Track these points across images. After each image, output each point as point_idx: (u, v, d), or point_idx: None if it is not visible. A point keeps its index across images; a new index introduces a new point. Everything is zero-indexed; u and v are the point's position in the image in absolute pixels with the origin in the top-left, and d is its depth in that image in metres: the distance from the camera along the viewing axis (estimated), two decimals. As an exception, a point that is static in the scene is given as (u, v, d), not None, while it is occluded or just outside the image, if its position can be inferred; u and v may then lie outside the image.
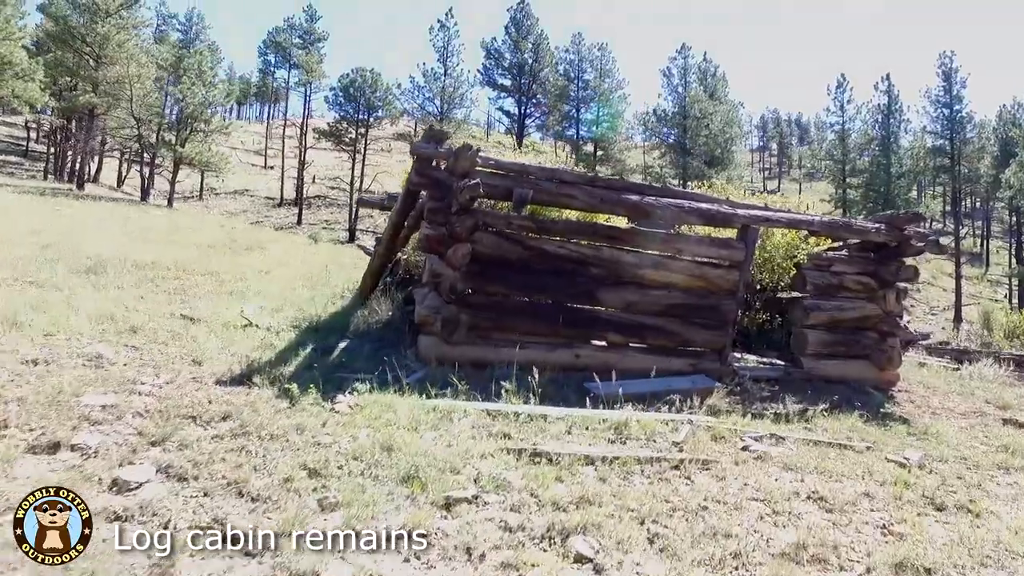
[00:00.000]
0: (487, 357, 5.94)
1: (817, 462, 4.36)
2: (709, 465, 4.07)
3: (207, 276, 9.89)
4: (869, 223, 7.41)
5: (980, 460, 4.91)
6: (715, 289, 6.65)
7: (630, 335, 6.46)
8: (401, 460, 3.40)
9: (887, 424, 5.81)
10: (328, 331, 6.60)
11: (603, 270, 6.29)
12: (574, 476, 3.66)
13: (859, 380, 7.37)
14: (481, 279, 6.10)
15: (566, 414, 4.74)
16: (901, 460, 4.64)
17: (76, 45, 26.94)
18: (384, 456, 3.46)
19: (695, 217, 6.37)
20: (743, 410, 5.90)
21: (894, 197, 32.85)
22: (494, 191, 5.90)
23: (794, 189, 79.78)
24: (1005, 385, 8.65)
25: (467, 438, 4.04)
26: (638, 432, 4.59)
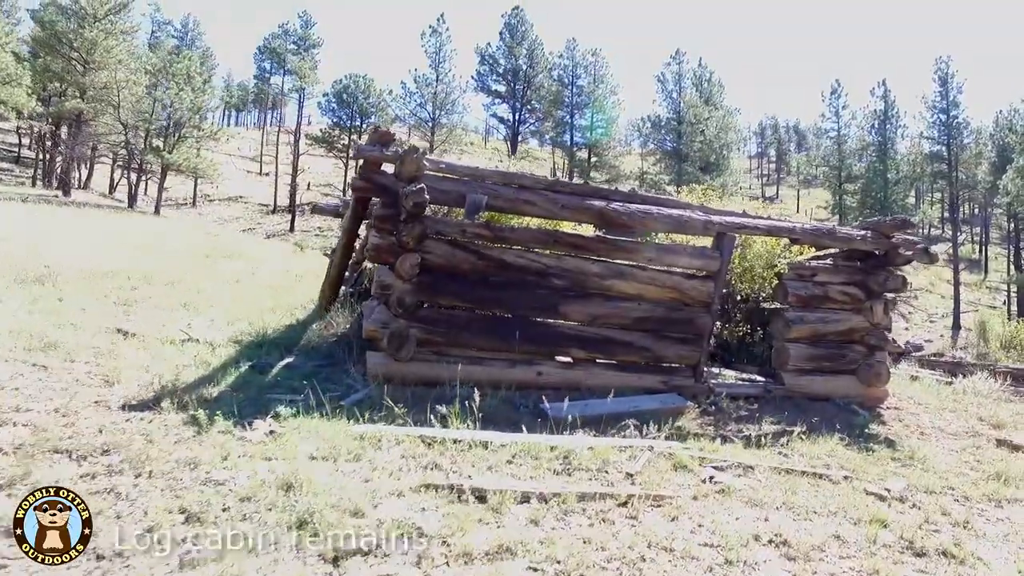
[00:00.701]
0: (440, 375, 5.51)
1: (786, 496, 3.93)
2: (662, 501, 3.64)
3: (168, 286, 9.49)
4: (854, 230, 7.00)
5: (969, 491, 4.48)
6: (688, 301, 6.23)
7: (596, 351, 6.04)
8: (300, 501, 2.97)
9: (870, 447, 5.37)
10: (275, 346, 6.18)
11: (566, 281, 5.87)
12: (502, 517, 3.23)
13: (845, 397, 6.94)
14: (433, 291, 5.69)
15: (512, 440, 4.31)
16: (881, 492, 4.21)
17: (63, 50, 26.65)
18: (281, 496, 3.03)
19: (665, 224, 5.96)
20: (715, 432, 5.48)
21: (891, 203, 32.46)
22: (445, 197, 5.50)
23: (792, 196, 79.58)
24: (1000, 401, 8.21)
25: (390, 471, 3.61)
26: (589, 461, 4.15)
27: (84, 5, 26.55)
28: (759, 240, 7.33)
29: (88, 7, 26.53)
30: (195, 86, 27.85)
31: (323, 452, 3.74)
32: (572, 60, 40.43)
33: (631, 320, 6.04)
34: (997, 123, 42.45)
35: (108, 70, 26.60)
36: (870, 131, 34.61)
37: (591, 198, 5.78)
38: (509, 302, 5.82)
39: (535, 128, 42.98)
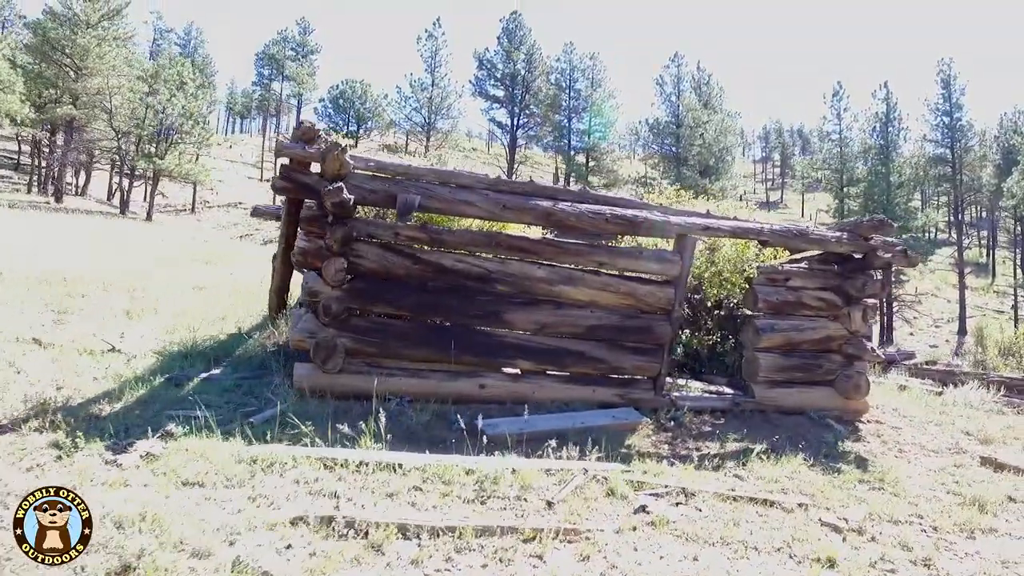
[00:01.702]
0: (372, 388, 5.10)
1: (726, 529, 3.48)
2: (577, 536, 3.21)
3: (124, 292, 9.14)
4: (828, 231, 6.55)
5: (940, 519, 4.01)
6: (646, 308, 5.79)
7: (546, 362, 5.61)
8: (133, 541, 2.57)
9: (839, 468, 4.91)
10: (203, 358, 5.79)
11: (511, 287, 5.46)
12: (380, 557, 2.82)
13: (821, 410, 6.47)
14: (366, 298, 5.29)
15: (427, 463, 3.90)
16: (837, 522, 3.75)
17: (56, 57, 26.58)
18: (116, 534, 2.63)
19: (618, 225, 5.54)
20: (669, 451, 5.04)
21: (894, 207, 31.81)
22: (374, 197, 5.10)
23: (797, 200, 78.87)
24: (992, 413, 7.72)
25: (272, 500, 3.21)
26: (508, 488, 3.74)
27: (77, 12, 26.50)
28: (728, 243, 6.89)
29: (81, 14, 26.47)
30: (187, 92, 27.71)
31: (201, 478, 3.34)
32: (570, 64, 40.12)
33: (583, 329, 5.61)
34: (1002, 125, 41.78)
35: (100, 76, 26.50)
36: (872, 134, 34.01)
37: (536, 198, 5.37)
38: (449, 309, 5.41)
39: (533, 133, 42.58)
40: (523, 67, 42.82)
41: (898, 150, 33.53)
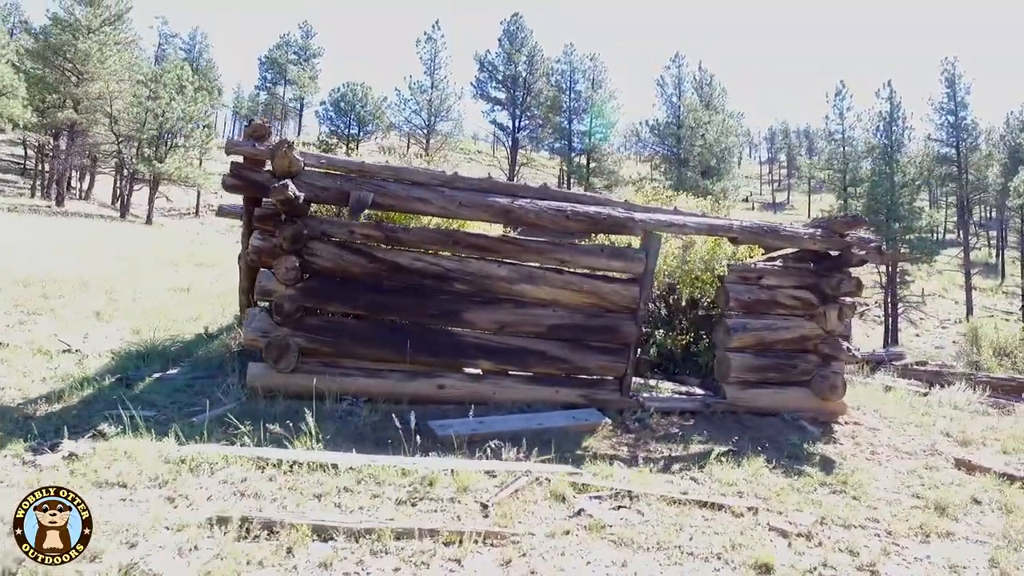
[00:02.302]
0: (327, 388, 5.03)
1: (666, 534, 3.36)
2: (503, 540, 3.10)
3: (103, 293, 9.12)
4: (801, 228, 6.41)
5: (895, 524, 3.87)
6: (610, 307, 5.68)
7: (507, 362, 5.51)
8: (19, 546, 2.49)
9: (802, 470, 4.76)
10: (163, 358, 5.75)
11: (470, 286, 5.36)
12: (289, 560, 2.72)
13: (796, 411, 6.33)
14: (321, 297, 5.21)
15: (364, 464, 3.80)
16: (785, 527, 3.63)
17: (57, 62, 26.82)
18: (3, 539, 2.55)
19: (580, 222, 5.43)
20: (628, 453, 4.92)
21: (898, 207, 31.46)
22: (327, 194, 5.03)
23: (804, 202, 78.25)
24: (976, 414, 7.52)
25: (192, 501, 3.13)
26: (446, 489, 3.64)
27: (79, 17, 26.73)
28: (699, 240, 6.76)
29: (83, 19, 26.70)
30: (187, 96, 27.87)
31: (122, 478, 3.27)
32: (570, 65, 40.00)
33: (545, 328, 5.50)
34: (1008, 124, 41.26)
35: (101, 81, 26.71)
36: (876, 133, 33.64)
37: (495, 195, 5.27)
38: (406, 309, 5.32)
39: (535, 135, 42.46)
40: (524, 69, 42.73)
41: (902, 150, 33.13)
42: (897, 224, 31.67)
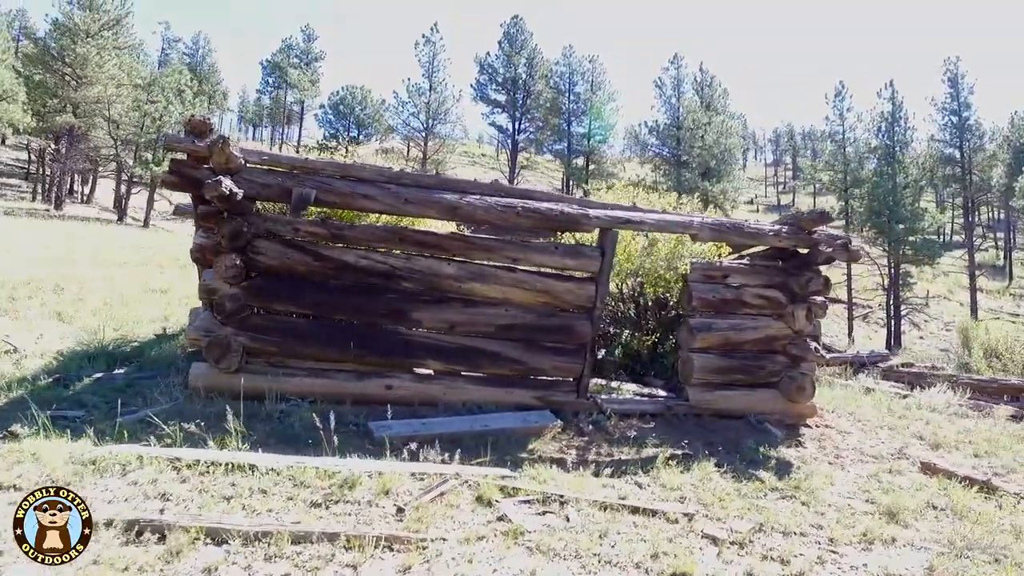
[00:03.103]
0: (271, 387, 4.93)
1: (587, 541, 3.22)
2: (408, 545, 2.97)
3: (73, 295, 9.07)
4: (766, 225, 6.25)
5: (840, 530, 3.71)
6: (564, 306, 5.55)
7: (458, 362, 5.38)
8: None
9: (755, 475, 4.60)
10: (111, 358, 5.67)
11: (418, 284, 5.25)
12: (170, 566, 2.61)
13: (763, 413, 6.17)
14: (267, 296, 5.11)
15: (286, 465, 3.69)
16: (719, 534, 3.48)
17: (56, 66, 27.01)
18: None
19: (531, 219, 5.30)
20: (576, 457, 4.77)
21: (900, 208, 31.06)
22: (268, 191, 4.93)
23: (809, 203, 77.71)
24: (955, 416, 7.32)
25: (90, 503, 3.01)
26: (366, 492, 3.52)
27: (78, 22, 26.93)
28: (662, 238, 6.61)
29: (81, 24, 26.90)
30: (184, 99, 27.98)
31: (20, 481, 3.16)
32: (569, 67, 39.88)
33: (496, 328, 5.38)
34: (1013, 124, 40.73)
35: (100, 85, 26.87)
36: (877, 134, 33.24)
37: (442, 191, 5.16)
38: (353, 307, 5.21)
39: (534, 137, 42.35)
40: (524, 71, 42.70)
41: (904, 150, 32.73)
42: (900, 225, 31.28)
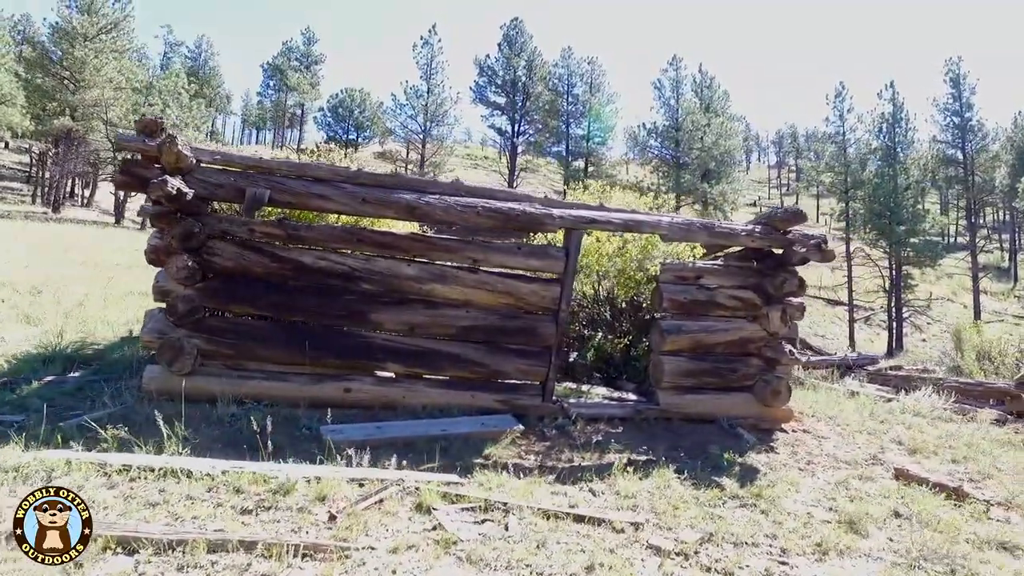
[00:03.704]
0: (225, 391, 4.83)
1: (522, 551, 3.11)
2: (331, 555, 2.86)
3: (50, 297, 9.03)
4: (738, 224, 6.12)
5: (793, 540, 3.57)
6: (528, 307, 5.44)
7: (418, 365, 5.28)
8: None
9: (716, 482, 4.47)
10: (69, 361, 5.59)
11: (377, 286, 5.15)
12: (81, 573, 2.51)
13: (737, 418, 6.05)
14: (223, 297, 5.03)
15: (224, 470, 3.59)
16: (665, 544, 3.35)
17: (54, 70, 27.15)
18: None
19: (492, 219, 5.19)
20: (535, 462, 4.67)
21: (901, 209, 30.82)
22: (222, 191, 4.84)
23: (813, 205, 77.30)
24: (938, 420, 7.16)
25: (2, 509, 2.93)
26: (301, 498, 3.41)
27: (76, 25, 27.06)
28: (632, 238, 6.49)
29: (79, 27, 27.03)
30: (181, 103, 28.06)
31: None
32: (568, 69, 39.82)
33: (457, 330, 5.27)
34: (1016, 124, 40.39)
35: (98, 88, 26.98)
36: (878, 135, 33.03)
37: (400, 191, 5.06)
38: (310, 309, 5.11)
39: (534, 139, 42.30)
40: (524, 73, 42.67)
41: (906, 151, 32.49)
42: (901, 227, 31.05)
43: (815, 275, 43.34)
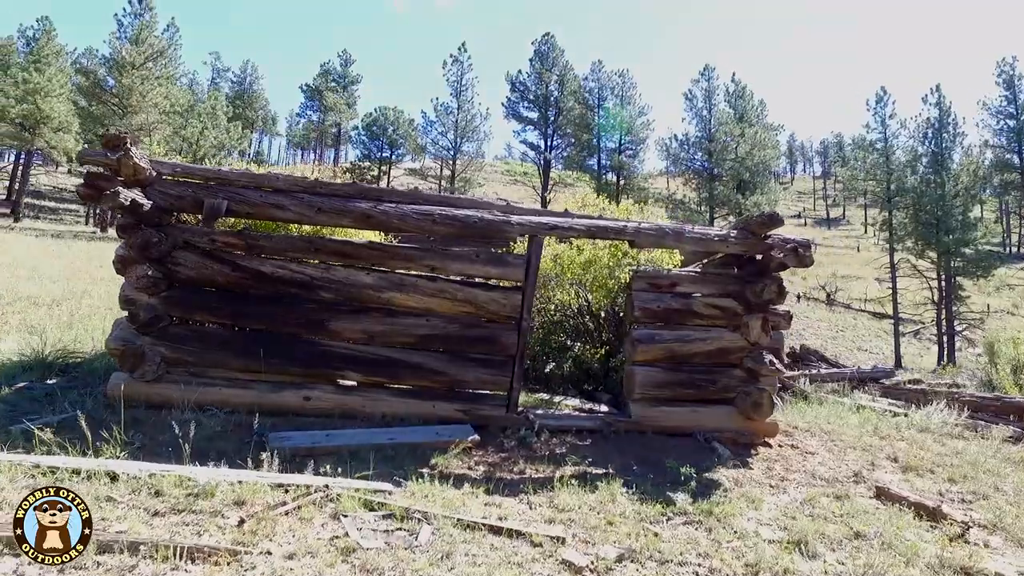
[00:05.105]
0: (186, 398, 4.93)
1: (424, 563, 3.02)
2: (222, 559, 2.84)
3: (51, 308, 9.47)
4: (711, 229, 5.91)
5: (728, 561, 3.36)
6: (489, 316, 5.36)
7: (378, 374, 5.27)
8: None
9: (669, 498, 4.26)
10: (49, 368, 5.81)
11: (336, 294, 5.18)
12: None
13: (716, 431, 5.81)
14: (185, 306, 5.15)
15: (150, 473, 3.64)
16: (580, 561, 3.20)
17: (104, 97, 28.86)
18: None
19: (449, 226, 5.16)
20: (484, 473, 4.57)
21: (949, 218, 29.33)
22: (182, 202, 4.98)
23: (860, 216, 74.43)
24: (948, 437, 6.69)
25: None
26: (219, 502, 3.42)
27: (124, 55, 28.75)
28: (604, 245, 6.34)
29: (128, 56, 28.70)
30: (218, 125, 29.35)
31: None
32: (598, 82, 39.76)
33: (416, 338, 5.24)
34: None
35: (143, 113, 28.53)
36: (924, 141, 31.62)
37: (356, 199, 5.10)
38: (271, 318, 5.18)
39: (566, 154, 42.31)
40: (556, 88, 42.83)
41: (952, 157, 30.97)
42: (949, 236, 29.53)
43: (861, 288, 41.62)
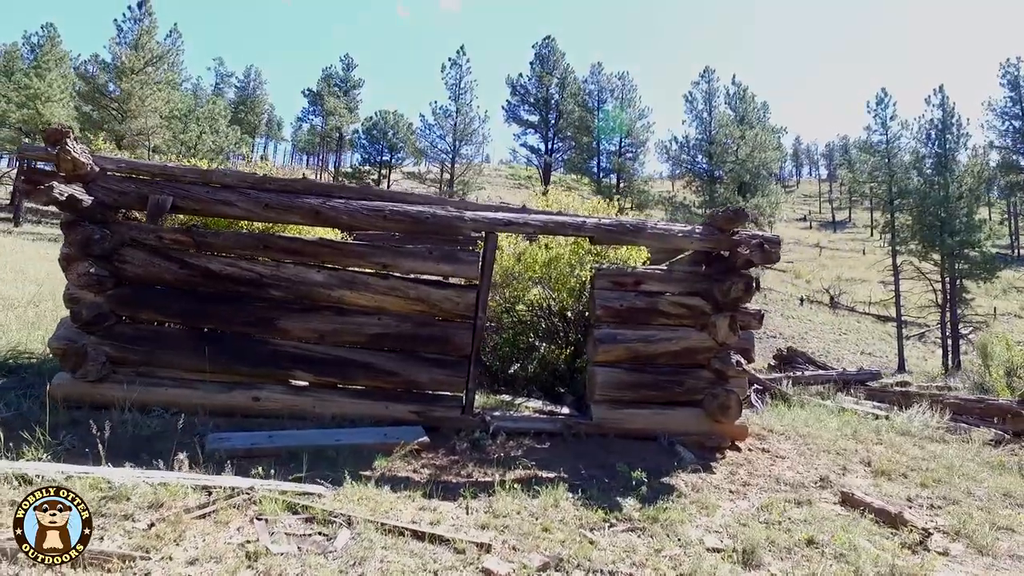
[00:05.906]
0: (130, 398, 4.81)
1: (332, 569, 2.88)
2: (114, 564, 2.71)
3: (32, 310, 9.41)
4: (676, 225, 5.75)
5: (661, 570, 3.20)
6: (443, 314, 5.22)
7: (329, 374, 5.13)
8: None
9: (615, 503, 4.10)
10: (3, 369, 5.72)
11: (286, 292, 5.06)
12: None
13: (681, 434, 5.63)
14: (132, 304, 5.04)
15: (67, 475, 3.51)
16: (500, 568, 3.05)
17: (103, 101, 29.03)
18: None
19: (400, 222, 5.04)
20: (429, 476, 4.42)
21: (953, 220, 28.96)
22: (127, 199, 4.88)
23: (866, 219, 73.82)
24: (928, 440, 6.49)
25: None
26: (133, 505, 3.29)
27: (124, 60, 28.92)
28: (565, 242, 6.19)
29: (127, 61, 28.87)
30: (217, 128, 29.45)
31: None
32: (598, 85, 39.63)
33: (367, 337, 5.11)
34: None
35: (143, 118, 28.66)
36: (927, 142, 31.25)
37: (305, 195, 4.98)
38: (220, 316, 5.06)
39: (566, 157, 42.19)
40: (556, 91, 42.76)
41: (956, 158, 30.59)
42: (953, 238, 29.15)
43: (865, 291, 41.17)
